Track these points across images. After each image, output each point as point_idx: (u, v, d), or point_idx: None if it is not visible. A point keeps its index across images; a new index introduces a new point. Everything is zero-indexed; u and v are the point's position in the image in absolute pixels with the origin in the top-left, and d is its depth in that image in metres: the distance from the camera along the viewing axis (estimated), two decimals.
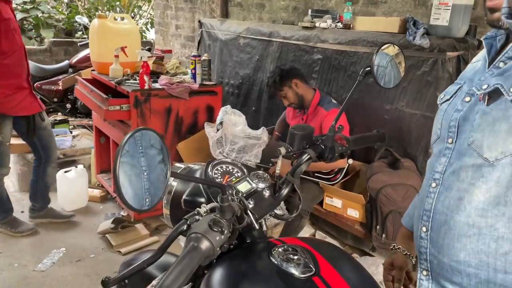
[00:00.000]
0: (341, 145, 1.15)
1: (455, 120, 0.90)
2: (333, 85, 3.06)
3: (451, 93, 0.97)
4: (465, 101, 0.89)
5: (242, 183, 1.09)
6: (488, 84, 0.83)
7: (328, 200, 2.63)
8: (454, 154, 0.89)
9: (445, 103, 0.97)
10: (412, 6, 2.98)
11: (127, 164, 0.82)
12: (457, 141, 0.89)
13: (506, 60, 0.84)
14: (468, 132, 0.86)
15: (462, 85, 0.95)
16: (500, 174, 0.80)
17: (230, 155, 2.71)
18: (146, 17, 8.10)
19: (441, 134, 0.95)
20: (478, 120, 0.84)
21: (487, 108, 0.82)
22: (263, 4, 4.20)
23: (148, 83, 2.79)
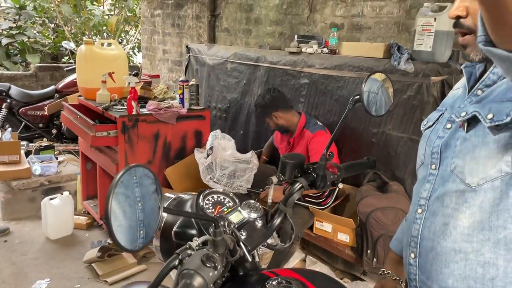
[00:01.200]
0: (333, 173, 1.15)
1: (438, 146, 0.92)
2: (320, 109, 3.09)
3: (433, 120, 0.99)
4: (447, 127, 0.92)
5: (234, 213, 1.08)
6: (466, 111, 0.85)
7: (318, 225, 2.61)
8: (438, 180, 0.90)
9: (428, 129, 1.00)
10: (395, 32, 3.06)
11: (121, 194, 0.81)
12: (440, 167, 0.90)
13: (483, 88, 0.87)
14: (450, 158, 0.88)
15: (444, 112, 0.97)
16: (483, 199, 0.81)
17: (221, 181, 2.69)
18: (133, 42, 8.14)
19: (424, 160, 0.97)
20: (459, 146, 0.86)
21: (467, 134, 0.85)
22: (250, 29, 4.27)
23: (135, 108, 2.78)
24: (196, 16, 4.82)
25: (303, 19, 3.72)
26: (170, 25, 5.23)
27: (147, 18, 5.62)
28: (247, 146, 3.62)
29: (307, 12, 3.65)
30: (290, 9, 3.83)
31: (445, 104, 1.00)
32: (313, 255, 2.85)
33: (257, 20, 4.18)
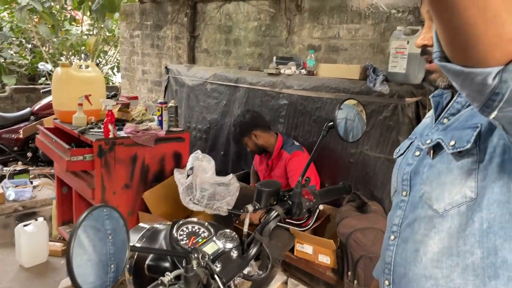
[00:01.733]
0: (308, 200, 1.15)
1: (407, 173, 0.94)
2: (299, 129, 3.10)
3: (404, 148, 1.02)
4: (415, 155, 0.94)
5: (209, 244, 1.06)
6: (431, 139, 0.88)
7: (299, 247, 2.59)
8: (409, 207, 0.91)
9: (400, 157, 1.02)
10: (371, 53, 3.12)
11: (91, 228, 0.78)
12: (411, 193, 0.92)
13: (449, 116, 0.90)
14: (419, 185, 0.89)
15: (414, 140, 1.00)
16: (450, 225, 0.82)
17: (201, 202, 2.65)
18: (113, 62, 8.10)
19: (397, 187, 0.98)
20: (426, 173, 0.88)
21: (433, 161, 0.87)
22: (229, 50, 4.30)
23: (112, 131, 2.74)
24: (175, 37, 4.84)
25: (281, 40, 3.77)
26: (149, 45, 5.22)
27: (126, 38, 5.61)
28: (227, 167, 3.60)
29: (285, 34, 3.71)
30: (269, 31, 3.88)
31: (415, 132, 1.03)
32: (294, 277, 2.82)
33: (236, 42, 4.21)
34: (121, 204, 2.84)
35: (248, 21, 4.04)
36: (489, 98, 0.55)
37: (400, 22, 2.89)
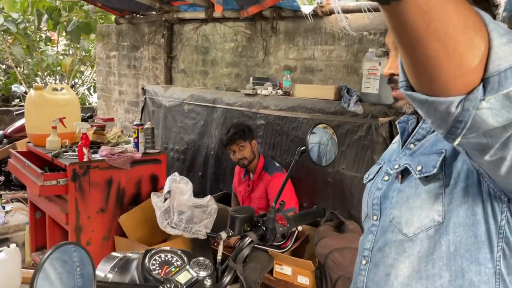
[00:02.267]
0: (282, 225, 1.15)
1: (377, 198, 0.95)
2: (277, 149, 3.12)
3: (373, 173, 1.04)
4: (384, 180, 0.96)
5: (182, 273, 1.04)
6: (399, 164, 0.90)
7: (278, 268, 2.58)
8: (379, 231, 0.93)
9: (369, 182, 1.04)
10: (345, 74, 3.19)
11: (57, 260, 0.76)
12: (381, 218, 0.94)
13: (415, 142, 0.93)
14: (389, 209, 0.91)
15: (383, 165, 1.02)
16: (420, 248, 0.84)
17: (179, 226, 2.61)
18: (89, 82, 8.02)
19: (368, 212, 1.00)
20: (395, 197, 0.90)
21: (401, 186, 0.89)
22: (207, 71, 4.32)
23: (87, 155, 2.70)
24: (152, 58, 4.84)
25: (258, 61, 3.81)
26: (126, 66, 5.20)
27: (103, 59, 5.58)
28: (205, 188, 3.58)
29: (262, 55, 3.75)
30: (245, 52, 3.92)
31: (384, 158, 1.06)
32: None
33: (213, 62, 4.24)
34: (96, 229, 2.78)
35: (225, 42, 4.09)
36: (452, 126, 0.57)
37: (372, 44, 2.97)
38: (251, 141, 2.81)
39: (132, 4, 4.25)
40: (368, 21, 3.00)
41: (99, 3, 4.59)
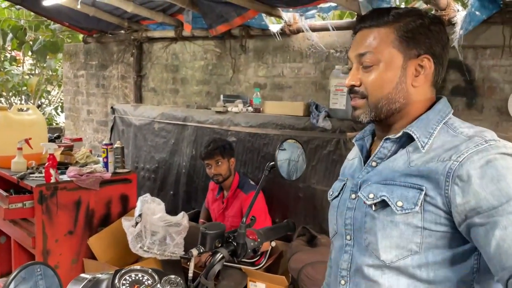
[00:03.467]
0: (253, 240, 1.16)
1: (350, 218, 0.96)
2: (248, 165, 3.14)
3: (338, 190, 1.05)
4: (352, 198, 0.97)
5: None
6: (374, 194, 0.90)
7: (252, 285, 2.57)
8: (355, 252, 0.95)
9: (335, 199, 1.05)
10: (313, 90, 3.26)
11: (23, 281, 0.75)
12: (355, 238, 0.95)
13: (377, 160, 0.96)
14: (363, 233, 0.92)
15: (346, 182, 1.03)
16: (399, 272, 0.87)
17: (152, 249, 2.56)
18: (57, 102, 7.85)
19: (338, 229, 1.01)
20: (369, 223, 0.91)
21: (375, 213, 0.90)
22: (177, 89, 4.32)
23: (54, 176, 2.64)
24: (121, 77, 4.80)
25: (228, 79, 3.85)
26: (95, 85, 5.14)
27: (70, 78, 5.49)
28: (177, 206, 3.54)
29: (232, 72, 3.79)
30: (215, 70, 3.95)
31: (345, 173, 1.08)
32: None
33: (183, 80, 4.25)
34: (65, 252, 2.71)
35: (195, 60, 4.11)
36: None
37: (339, 61, 3.06)
38: (230, 159, 2.78)
39: (100, 23, 4.23)
40: (334, 39, 3.09)
41: (66, 22, 4.54)
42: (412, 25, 0.92)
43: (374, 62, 0.93)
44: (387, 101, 0.93)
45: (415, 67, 0.93)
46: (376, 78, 0.93)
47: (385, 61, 0.92)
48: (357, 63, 0.96)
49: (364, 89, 0.95)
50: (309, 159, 2.71)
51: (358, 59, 0.95)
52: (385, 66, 0.92)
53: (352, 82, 0.96)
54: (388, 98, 0.93)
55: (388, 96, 0.93)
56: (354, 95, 0.97)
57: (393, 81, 0.92)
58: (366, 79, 0.94)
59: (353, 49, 0.97)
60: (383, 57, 0.92)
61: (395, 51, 0.92)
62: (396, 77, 0.92)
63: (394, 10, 0.95)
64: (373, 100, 0.94)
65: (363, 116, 0.95)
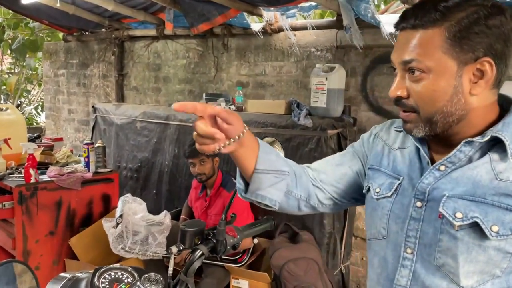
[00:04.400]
0: (232, 236, 1.17)
1: (415, 231, 0.85)
2: (231, 164, 3.15)
3: (389, 189, 0.91)
4: (418, 206, 0.85)
5: None
6: (462, 213, 0.79)
7: (234, 282, 2.59)
8: (420, 269, 0.84)
9: (385, 199, 0.92)
10: (295, 88, 3.29)
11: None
12: (419, 253, 0.85)
13: (448, 164, 0.83)
14: (434, 250, 0.82)
15: (401, 181, 0.90)
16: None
17: (133, 249, 2.55)
18: (37, 101, 7.73)
19: (389, 236, 0.90)
20: (447, 243, 0.80)
21: (458, 233, 0.79)
22: (159, 88, 4.30)
23: (34, 176, 2.61)
24: (103, 75, 4.76)
25: (210, 77, 3.85)
26: (76, 84, 5.08)
27: (50, 77, 5.41)
28: (160, 206, 3.53)
29: (214, 71, 3.80)
30: (198, 69, 3.95)
31: (397, 170, 0.93)
32: None
33: (166, 79, 4.23)
34: (46, 253, 2.68)
35: (177, 59, 4.10)
36: None
37: (319, 60, 3.09)
38: (214, 158, 2.76)
39: (81, 21, 4.18)
40: (315, 38, 3.12)
41: (45, 20, 4.47)
42: (465, 23, 0.77)
43: (422, 71, 0.79)
44: (442, 115, 0.80)
45: (473, 73, 0.79)
46: (426, 90, 0.80)
47: (435, 70, 0.79)
48: (402, 70, 0.83)
49: (413, 102, 0.82)
50: (291, 157, 2.73)
51: (403, 66, 0.83)
52: (436, 76, 0.79)
53: (398, 93, 0.83)
54: (443, 112, 0.80)
55: (443, 109, 0.80)
56: (402, 107, 0.85)
57: (447, 92, 0.79)
58: (414, 90, 0.81)
59: (397, 54, 0.84)
60: (433, 65, 0.78)
61: (446, 57, 0.78)
62: (450, 87, 0.79)
63: (442, 2, 0.79)
64: (426, 115, 0.81)
65: (416, 131, 0.84)
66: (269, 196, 0.99)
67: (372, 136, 1.04)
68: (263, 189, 0.98)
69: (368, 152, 1.03)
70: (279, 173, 0.98)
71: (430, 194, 0.83)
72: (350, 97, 2.97)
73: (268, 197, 0.99)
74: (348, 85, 2.92)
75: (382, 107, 2.90)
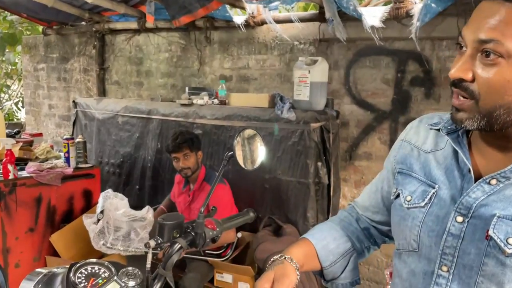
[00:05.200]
0: (212, 229, 1.16)
1: (453, 248, 0.76)
2: (214, 158, 3.13)
3: (423, 198, 0.82)
4: (458, 222, 0.76)
5: (110, 284, 1.02)
6: None
7: (218, 276, 2.58)
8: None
9: (417, 209, 0.82)
10: (279, 82, 3.28)
11: None
12: (456, 273, 0.76)
13: (500, 179, 0.73)
14: (476, 273, 0.74)
15: (437, 190, 0.81)
16: None
17: (115, 245, 2.52)
18: (17, 97, 7.57)
19: (420, 248, 0.82)
20: (493, 268, 0.72)
21: (506, 259, 0.70)
22: (141, 82, 4.25)
23: (13, 172, 2.55)
24: (83, 70, 4.68)
25: (193, 71, 3.82)
26: (56, 79, 4.98)
27: (30, 72, 5.30)
28: (143, 201, 3.49)
29: (197, 65, 3.76)
30: (180, 62, 3.91)
31: (431, 176, 0.83)
32: None
33: (148, 73, 4.18)
34: (26, 250, 2.63)
35: (159, 52, 4.05)
36: None
37: (302, 53, 3.09)
38: (197, 152, 2.72)
39: (60, 14, 4.09)
40: (298, 31, 3.11)
41: (24, 13, 4.37)
42: None
43: (499, 55, 0.67)
44: (507, 110, 0.69)
45: None
46: (498, 79, 0.68)
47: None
48: (473, 49, 0.70)
49: (476, 88, 0.70)
50: (274, 150, 2.74)
51: (476, 45, 0.70)
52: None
53: (460, 75, 0.71)
54: (509, 108, 0.69)
55: (510, 105, 0.69)
56: (460, 91, 0.72)
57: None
58: (483, 76, 0.69)
59: (472, 29, 0.70)
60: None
61: None
62: None
63: None
64: (487, 106, 0.70)
65: (468, 122, 0.72)
66: (348, 281, 1.02)
67: (399, 142, 0.95)
68: (339, 278, 1.01)
69: (395, 158, 0.94)
70: (345, 255, 1.01)
71: (476, 210, 0.74)
72: (333, 90, 2.98)
73: (348, 282, 1.02)
74: (331, 78, 2.93)
75: (365, 100, 2.92)
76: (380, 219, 1.04)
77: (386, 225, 1.02)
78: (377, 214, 1.04)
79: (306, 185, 2.61)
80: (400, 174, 0.90)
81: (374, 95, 2.86)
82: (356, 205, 1.12)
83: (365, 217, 1.08)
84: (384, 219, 1.02)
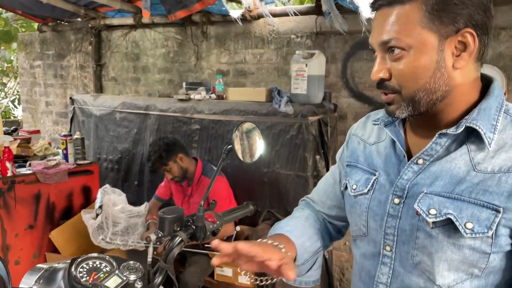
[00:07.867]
0: (212, 222, 1.16)
1: (393, 228, 0.84)
2: (213, 153, 3.14)
3: (366, 185, 0.90)
4: (395, 203, 0.84)
5: (111, 278, 1.03)
6: (436, 209, 0.77)
7: (218, 270, 2.59)
8: (398, 267, 0.84)
9: (362, 196, 0.91)
10: (276, 76, 3.28)
11: None
12: (397, 251, 0.84)
13: (426, 158, 0.81)
14: (411, 248, 0.81)
15: (378, 177, 0.89)
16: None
17: (114, 240, 2.53)
18: (13, 94, 7.54)
19: (369, 233, 0.89)
20: (423, 240, 0.79)
21: (433, 231, 0.77)
22: (138, 78, 4.24)
23: (11, 169, 2.55)
24: (80, 66, 4.66)
25: (190, 66, 3.81)
26: (53, 76, 4.96)
27: (26, 69, 5.27)
28: (142, 197, 3.50)
29: (194, 60, 3.76)
30: (177, 57, 3.90)
31: (373, 164, 0.91)
32: None
33: (145, 69, 4.17)
34: (26, 247, 2.64)
35: (155, 48, 4.04)
36: None
37: (299, 46, 3.08)
38: (175, 158, 2.68)
39: (55, 10, 4.07)
40: (295, 24, 3.11)
41: (19, 10, 4.34)
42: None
43: (402, 49, 0.77)
44: (425, 92, 0.78)
45: (455, 46, 0.76)
46: (407, 68, 0.77)
47: (416, 46, 0.76)
48: (381, 51, 0.80)
49: (395, 83, 0.80)
50: (273, 144, 2.74)
51: (382, 47, 0.80)
52: (417, 52, 0.76)
53: (380, 75, 0.81)
54: (426, 89, 0.77)
55: (426, 86, 0.77)
56: (384, 90, 0.82)
57: (429, 68, 0.76)
58: (396, 69, 0.79)
59: (375, 35, 0.81)
60: (413, 42, 0.76)
61: (426, 32, 0.75)
62: (432, 63, 0.76)
63: None
64: (408, 94, 0.79)
65: (399, 111, 0.81)
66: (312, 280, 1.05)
67: (349, 136, 1.05)
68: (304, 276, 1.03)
69: (346, 152, 1.03)
70: (315, 253, 1.03)
71: (410, 190, 0.81)
72: (330, 83, 2.98)
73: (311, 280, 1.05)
74: (328, 71, 2.93)
75: (362, 93, 2.92)
76: (336, 213, 1.07)
77: (340, 220, 1.07)
78: (333, 209, 1.07)
79: (305, 178, 2.62)
80: (348, 167, 0.99)
81: (372, 88, 2.87)
82: (312, 202, 1.14)
83: (322, 213, 1.10)
84: (339, 214, 1.06)
